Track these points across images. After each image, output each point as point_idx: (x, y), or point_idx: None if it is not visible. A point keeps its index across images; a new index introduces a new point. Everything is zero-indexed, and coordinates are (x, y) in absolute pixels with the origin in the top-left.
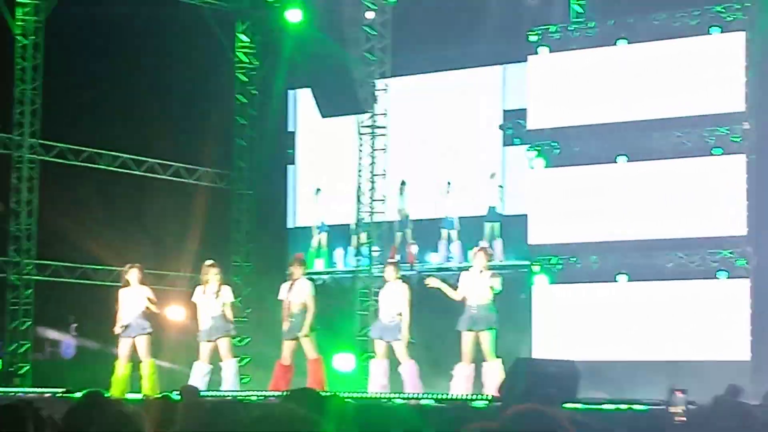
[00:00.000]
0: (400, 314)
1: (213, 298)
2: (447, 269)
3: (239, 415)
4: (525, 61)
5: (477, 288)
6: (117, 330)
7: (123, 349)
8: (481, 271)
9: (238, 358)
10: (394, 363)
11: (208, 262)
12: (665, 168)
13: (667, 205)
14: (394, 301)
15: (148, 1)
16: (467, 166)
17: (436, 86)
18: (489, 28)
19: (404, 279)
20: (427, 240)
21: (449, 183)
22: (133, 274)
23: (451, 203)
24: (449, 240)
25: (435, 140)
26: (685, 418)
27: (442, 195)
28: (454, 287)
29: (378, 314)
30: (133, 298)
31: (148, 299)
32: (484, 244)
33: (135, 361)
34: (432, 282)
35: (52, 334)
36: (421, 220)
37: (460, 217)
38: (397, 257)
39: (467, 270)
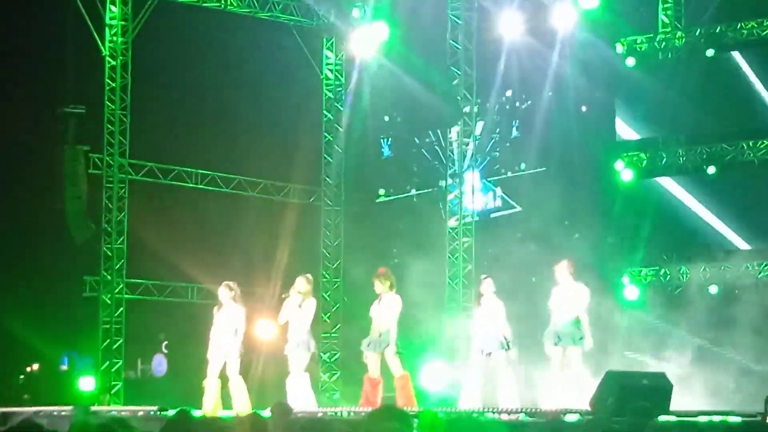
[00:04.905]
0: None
1: (297, 310)
2: None
3: None
4: None
5: (561, 302)
6: (209, 351)
7: (212, 367)
8: (564, 285)
9: (328, 374)
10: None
11: (307, 275)
12: None
13: None
14: (494, 317)
15: (234, 19)
16: None
17: None
18: None
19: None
20: None
21: None
22: (222, 293)
23: None
24: None
25: None
26: None
27: None
28: None
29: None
30: (222, 318)
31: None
32: None
33: (225, 379)
34: None
35: None
36: None
37: None
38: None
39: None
